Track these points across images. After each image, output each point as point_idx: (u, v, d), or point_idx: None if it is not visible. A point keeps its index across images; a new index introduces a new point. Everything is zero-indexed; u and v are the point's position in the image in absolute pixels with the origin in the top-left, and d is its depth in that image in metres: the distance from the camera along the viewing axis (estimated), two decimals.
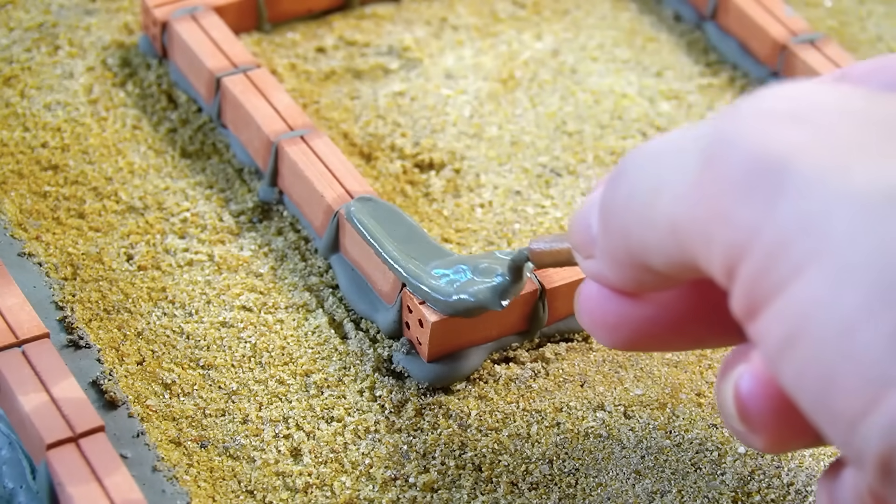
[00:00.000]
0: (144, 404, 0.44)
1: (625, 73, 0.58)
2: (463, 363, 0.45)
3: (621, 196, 0.33)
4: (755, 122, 0.29)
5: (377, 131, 0.54)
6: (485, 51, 0.59)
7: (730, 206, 0.29)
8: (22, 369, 0.41)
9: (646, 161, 0.32)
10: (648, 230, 0.32)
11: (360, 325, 0.47)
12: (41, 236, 0.49)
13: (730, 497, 0.42)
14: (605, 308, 0.35)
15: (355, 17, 0.60)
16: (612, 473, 0.43)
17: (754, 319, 0.29)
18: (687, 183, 0.30)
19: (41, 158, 0.52)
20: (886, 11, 0.63)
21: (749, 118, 0.30)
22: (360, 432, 0.43)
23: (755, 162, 0.29)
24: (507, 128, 0.55)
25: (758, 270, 0.28)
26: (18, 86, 0.55)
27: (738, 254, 0.29)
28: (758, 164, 0.29)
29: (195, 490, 0.41)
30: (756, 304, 0.29)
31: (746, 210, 0.29)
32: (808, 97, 0.30)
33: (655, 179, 0.31)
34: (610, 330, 0.36)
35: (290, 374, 0.45)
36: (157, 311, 0.47)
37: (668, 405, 0.45)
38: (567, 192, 0.52)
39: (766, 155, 0.29)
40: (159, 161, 0.52)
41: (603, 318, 0.36)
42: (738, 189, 0.29)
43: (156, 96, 0.55)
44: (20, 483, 0.41)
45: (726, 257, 0.29)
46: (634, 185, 0.32)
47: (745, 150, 0.29)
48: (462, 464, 0.43)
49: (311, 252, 0.49)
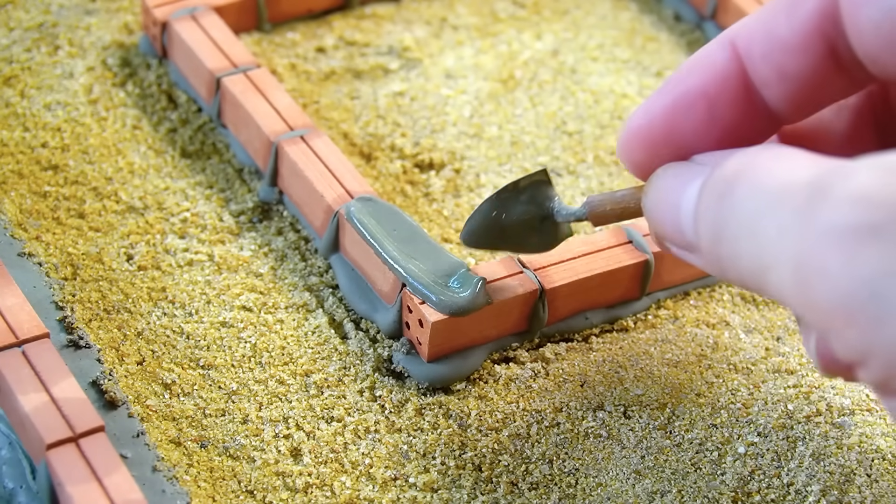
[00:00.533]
0: (144, 404, 0.44)
1: (625, 73, 0.58)
2: (463, 363, 0.45)
3: (731, 228, 0.33)
4: (839, 243, 0.29)
5: (377, 131, 0.54)
6: (485, 51, 0.59)
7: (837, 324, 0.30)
8: (22, 369, 0.41)
9: (755, 207, 0.32)
10: (764, 272, 0.32)
11: (360, 325, 0.47)
12: (41, 236, 0.49)
13: (730, 497, 0.42)
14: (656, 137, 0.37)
15: (355, 17, 0.60)
16: (612, 473, 0.43)
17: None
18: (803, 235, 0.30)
19: (41, 158, 0.52)
20: None
21: (832, 238, 0.29)
22: (360, 432, 0.43)
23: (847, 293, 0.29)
24: (507, 128, 0.55)
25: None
26: (18, 86, 0.55)
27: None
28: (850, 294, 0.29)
29: (195, 490, 0.41)
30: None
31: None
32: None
33: (768, 225, 0.31)
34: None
35: (290, 374, 0.45)
36: (157, 311, 0.47)
37: (668, 405, 0.45)
38: (567, 192, 0.52)
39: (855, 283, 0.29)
40: (159, 161, 0.52)
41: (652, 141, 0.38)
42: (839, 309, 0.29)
43: (156, 96, 0.55)
44: (20, 483, 0.41)
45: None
46: (742, 226, 0.32)
47: (834, 281, 0.29)
48: (462, 464, 0.43)
49: (311, 252, 0.49)
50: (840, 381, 0.45)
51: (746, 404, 0.44)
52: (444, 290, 0.44)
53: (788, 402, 0.45)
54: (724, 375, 0.46)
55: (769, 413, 0.44)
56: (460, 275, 0.44)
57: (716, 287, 0.49)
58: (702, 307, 0.48)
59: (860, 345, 0.29)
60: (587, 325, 0.47)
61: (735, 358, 0.46)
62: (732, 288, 0.49)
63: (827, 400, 0.44)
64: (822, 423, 0.44)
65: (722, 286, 0.49)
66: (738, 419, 0.44)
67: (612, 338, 0.47)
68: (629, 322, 0.48)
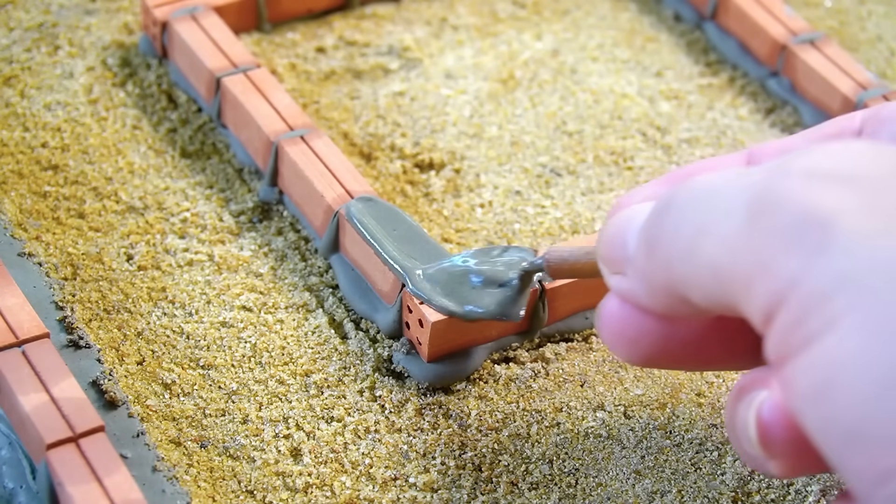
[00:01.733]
0: (144, 404, 0.44)
1: (625, 73, 0.58)
2: (463, 363, 0.45)
3: (668, 229, 0.33)
4: (805, 180, 0.31)
5: (377, 131, 0.54)
6: (485, 51, 0.59)
7: (773, 256, 0.30)
8: (22, 369, 0.41)
9: (695, 200, 0.33)
10: (691, 267, 0.33)
11: (360, 325, 0.47)
12: (41, 236, 0.49)
13: (730, 497, 0.42)
14: (627, 323, 0.36)
15: (355, 17, 0.60)
16: (612, 473, 0.43)
17: (784, 365, 0.30)
18: (733, 230, 0.31)
19: (41, 158, 0.52)
20: (886, 11, 0.63)
21: (799, 176, 0.31)
22: (360, 432, 0.43)
23: (802, 217, 0.30)
24: (507, 128, 0.55)
25: (793, 320, 0.29)
26: (18, 86, 0.55)
27: (777, 302, 0.30)
28: (804, 220, 0.30)
29: (195, 490, 0.41)
30: (788, 351, 0.30)
31: (789, 262, 0.30)
32: (857, 158, 0.31)
33: (703, 220, 0.32)
34: (629, 344, 0.37)
35: (290, 374, 0.45)
36: (157, 311, 0.47)
37: (668, 405, 0.45)
38: (567, 192, 0.52)
39: (813, 212, 0.30)
40: (159, 161, 0.52)
41: (622, 332, 0.37)
42: (782, 241, 0.30)
43: (156, 96, 0.55)
44: (20, 483, 0.41)
45: (765, 304, 0.30)
46: (681, 222, 0.33)
47: (793, 206, 0.30)
48: (462, 464, 0.43)
49: (311, 252, 0.49)
50: None
51: None
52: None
53: None
54: (724, 375, 0.46)
55: None
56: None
57: None
58: None
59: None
60: (587, 325, 0.47)
61: None
62: None
63: None
64: None
65: None
66: None
67: None
68: None
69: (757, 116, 0.57)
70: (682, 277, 0.33)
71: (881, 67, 0.59)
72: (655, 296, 0.35)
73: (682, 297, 0.33)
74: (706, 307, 0.33)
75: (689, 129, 0.56)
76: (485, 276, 0.43)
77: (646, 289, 0.35)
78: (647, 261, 0.34)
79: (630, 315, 0.36)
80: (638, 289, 0.35)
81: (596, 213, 0.51)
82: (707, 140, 0.55)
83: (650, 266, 0.34)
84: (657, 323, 0.36)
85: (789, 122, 0.56)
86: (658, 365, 0.38)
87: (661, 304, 0.35)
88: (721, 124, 0.56)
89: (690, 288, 0.33)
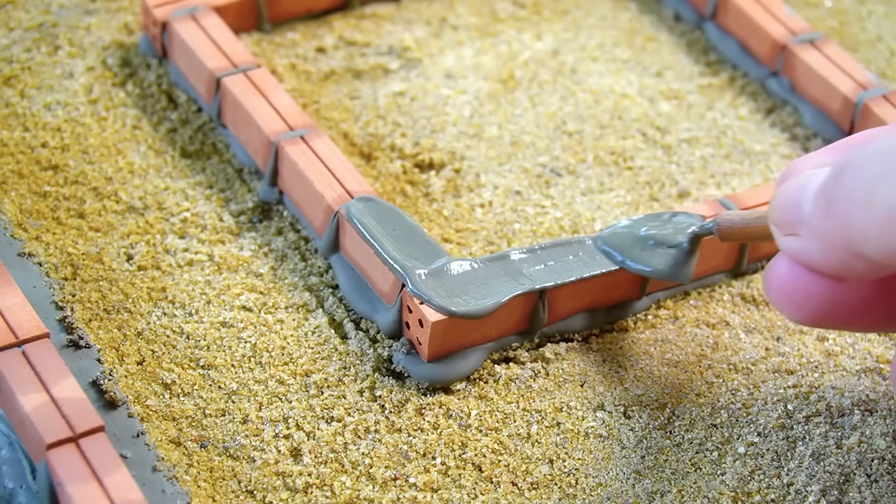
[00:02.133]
0: (144, 404, 0.44)
1: (625, 73, 0.58)
2: (463, 363, 0.45)
3: (846, 185, 0.34)
4: None
5: (377, 131, 0.54)
6: (485, 51, 0.59)
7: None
8: (22, 369, 0.41)
9: (873, 157, 0.34)
10: (869, 219, 0.33)
11: (360, 325, 0.47)
12: (41, 236, 0.49)
13: (730, 497, 0.42)
14: (796, 285, 0.37)
15: (355, 17, 0.60)
16: (612, 473, 0.43)
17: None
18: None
19: (41, 158, 0.52)
20: (886, 11, 0.63)
21: None
22: (360, 432, 0.43)
23: None
24: (507, 128, 0.55)
25: None
26: (18, 86, 0.55)
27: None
28: None
29: (195, 490, 0.41)
30: None
31: None
32: None
33: (881, 172, 0.33)
34: (798, 305, 0.38)
35: (290, 374, 0.45)
36: (157, 311, 0.47)
37: (668, 405, 0.45)
38: (567, 192, 0.52)
39: None
40: (159, 161, 0.52)
41: (792, 293, 0.37)
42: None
43: (156, 96, 0.55)
44: (20, 483, 0.41)
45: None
46: (860, 177, 0.34)
47: None
48: (462, 464, 0.43)
49: (311, 252, 0.49)
50: (840, 380, 0.45)
51: (746, 404, 0.45)
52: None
53: (788, 403, 0.45)
54: (724, 375, 0.46)
55: (769, 413, 0.44)
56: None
57: (716, 287, 0.49)
58: (702, 307, 0.48)
59: None
60: (587, 325, 0.47)
61: (735, 358, 0.46)
62: (732, 288, 0.49)
63: (827, 400, 0.44)
64: (822, 423, 0.44)
65: (722, 286, 0.49)
66: (738, 419, 0.44)
67: (612, 338, 0.47)
68: (629, 322, 0.48)
69: (757, 116, 0.57)
70: (860, 230, 0.33)
71: (881, 67, 0.59)
72: (830, 254, 0.35)
73: (858, 252, 0.34)
74: (882, 260, 0.33)
75: (689, 129, 0.56)
76: (655, 239, 0.44)
77: (821, 247, 0.36)
78: (825, 219, 0.35)
79: (800, 276, 0.37)
80: (812, 248, 0.36)
81: (596, 213, 0.51)
82: (707, 140, 0.55)
83: (827, 224, 0.35)
84: (826, 285, 0.37)
85: (789, 122, 0.56)
86: (823, 325, 0.39)
87: (835, 263, 0.35)
88: (721, 124, 0.56)
89: (868, 241, 0.33)
